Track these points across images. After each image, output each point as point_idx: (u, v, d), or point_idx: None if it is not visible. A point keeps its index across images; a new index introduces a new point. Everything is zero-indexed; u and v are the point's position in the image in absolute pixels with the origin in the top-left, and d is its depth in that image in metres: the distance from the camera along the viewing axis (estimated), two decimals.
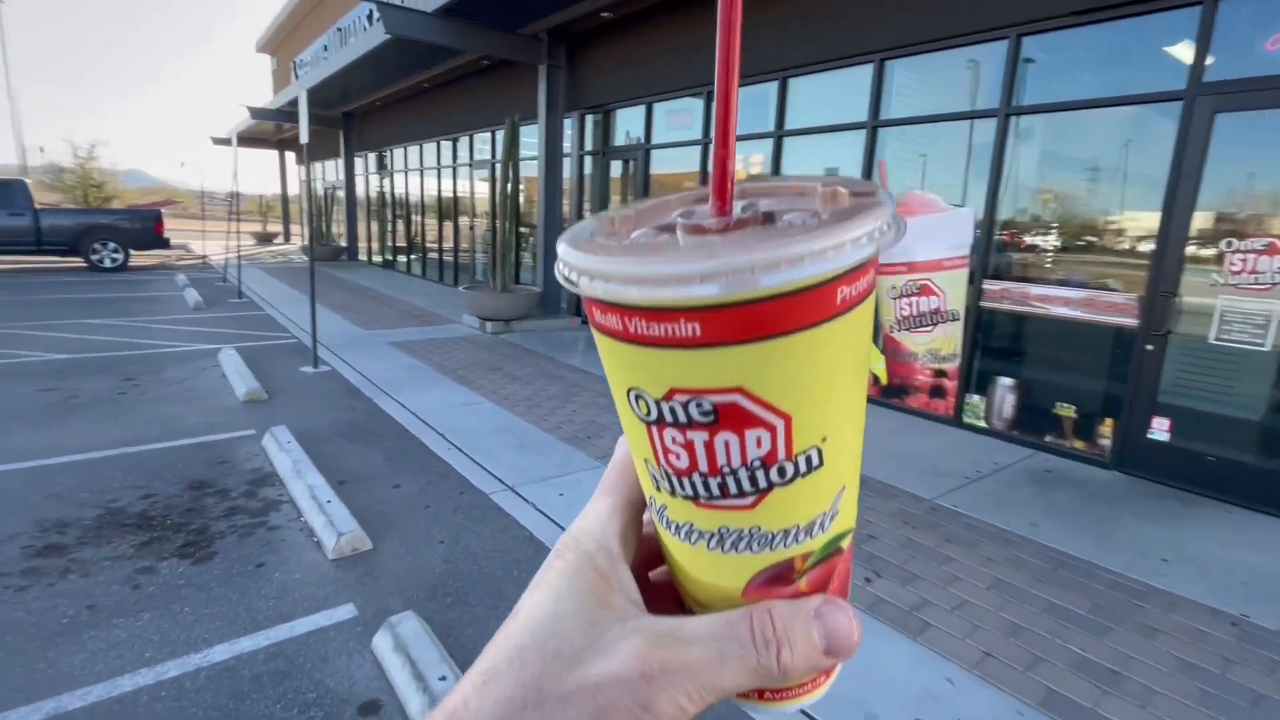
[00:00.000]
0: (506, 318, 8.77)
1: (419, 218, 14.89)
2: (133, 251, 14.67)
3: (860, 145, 5.81)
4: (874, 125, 5.69)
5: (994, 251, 5.02)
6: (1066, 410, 4.68)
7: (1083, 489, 4.13)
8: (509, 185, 8.86)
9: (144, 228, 14.61)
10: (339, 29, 12.52)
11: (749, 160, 6.87)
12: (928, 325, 2.00)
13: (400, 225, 15.89)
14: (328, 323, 8.85)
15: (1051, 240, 4.84)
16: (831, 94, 6.12)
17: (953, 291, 1.98)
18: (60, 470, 3.99)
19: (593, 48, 8.77)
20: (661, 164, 8.16)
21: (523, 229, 10.41)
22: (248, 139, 24.25)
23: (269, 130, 22.80)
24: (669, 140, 7.92)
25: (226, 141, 24.91)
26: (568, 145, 9.49)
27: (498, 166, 9.21)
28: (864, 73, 5.74)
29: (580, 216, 9.54)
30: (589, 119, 9.24)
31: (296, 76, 15.72)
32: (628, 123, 8.59)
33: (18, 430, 4.64)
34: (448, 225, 13.38)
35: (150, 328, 8.51)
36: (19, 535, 3.23)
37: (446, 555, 3.17)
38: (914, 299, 1.99)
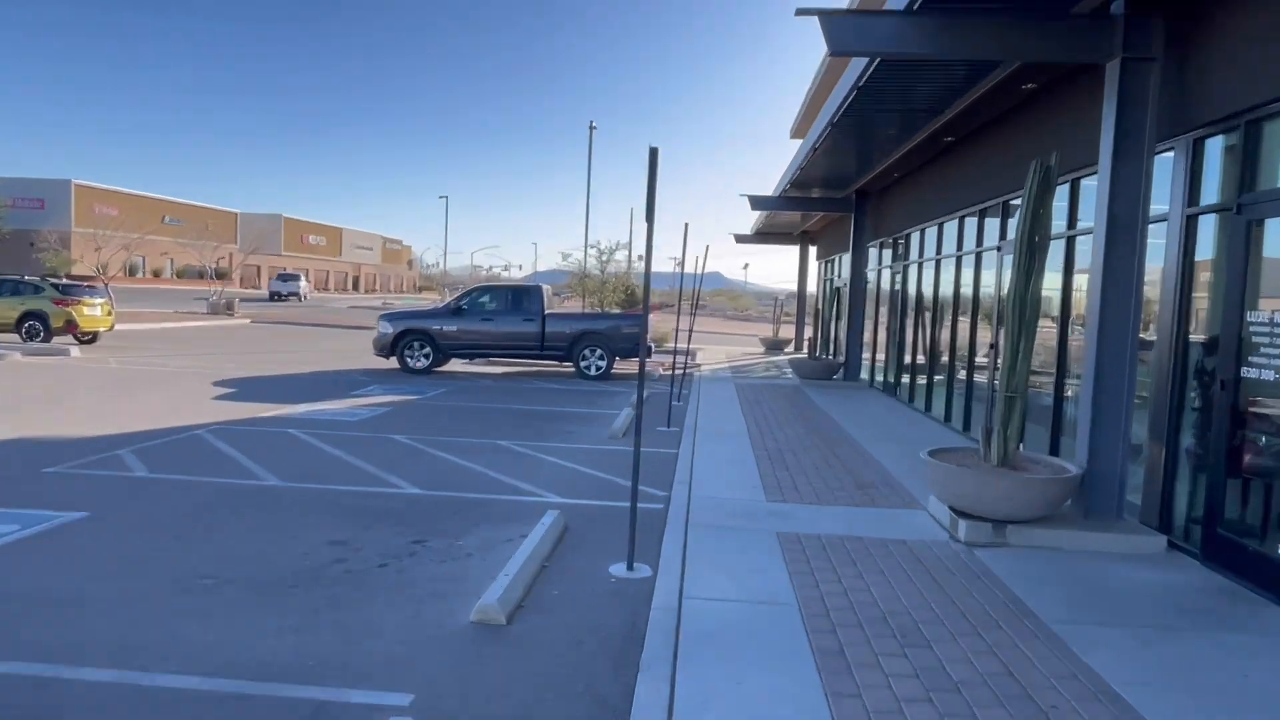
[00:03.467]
0: (1001, 517, 5.84)
1: (934, 326, 12.73)
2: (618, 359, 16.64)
3: None
4: None
5: None
6: None
7: None
8: (1027, 279, 6.13)
9: (630, 334, 16.52)
10: None
11: None
12: None
13: (910, 336, 13.98)
14: (728, 480, 7.53)
15: None
16: None
17: None
18: (151, 698, 3.38)
19: (1225, 4, 5.49)
20: None
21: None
22: (769, 234, 26.59)
23: (793, 222, 24.42)
24: None
25: (751, 239, 27.88)
26: (1162, 204, 6.18)
27: (1014, 246, 6.56)
28: None
29: (1182, 330, 6.00)
30: (1212, 144, 5.80)
31: None
32: None
33: (218, 612, 4.43)
34: (976, 339, 10.82)
35: (540, 459, 8.75)
36: None
37: None
38: None
